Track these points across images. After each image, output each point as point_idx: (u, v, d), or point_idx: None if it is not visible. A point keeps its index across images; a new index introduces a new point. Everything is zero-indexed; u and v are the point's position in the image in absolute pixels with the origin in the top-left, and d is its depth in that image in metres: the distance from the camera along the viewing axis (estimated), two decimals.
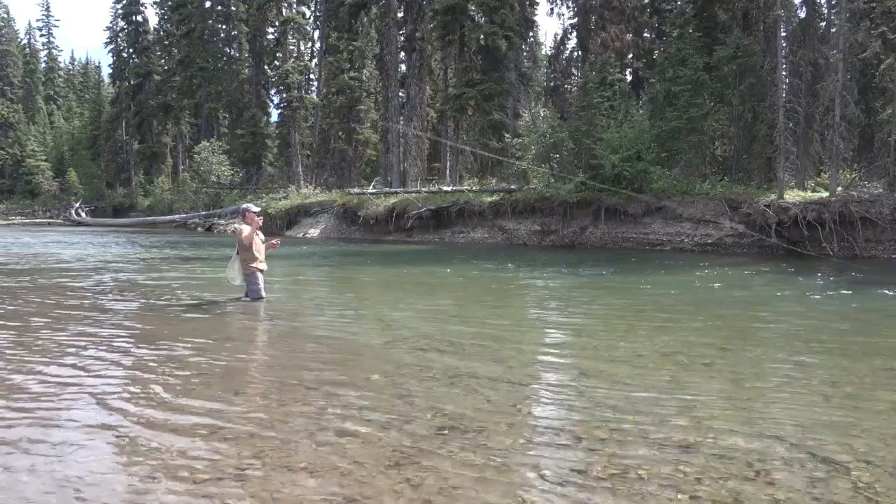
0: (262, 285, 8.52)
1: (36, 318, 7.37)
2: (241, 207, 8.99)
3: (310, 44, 50.30)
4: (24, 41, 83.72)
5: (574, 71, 43.53)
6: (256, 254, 8.44)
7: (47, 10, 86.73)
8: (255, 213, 8.57)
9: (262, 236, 8.74)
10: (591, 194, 22.63)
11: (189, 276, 12.47)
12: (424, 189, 29.45)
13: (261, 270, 8.55)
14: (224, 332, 6.97)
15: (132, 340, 6.30)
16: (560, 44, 45.20)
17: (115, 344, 6.09)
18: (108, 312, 7.87)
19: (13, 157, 68.52)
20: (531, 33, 45.56)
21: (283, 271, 14.51)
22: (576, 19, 38.73)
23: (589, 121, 24.53)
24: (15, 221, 48.38)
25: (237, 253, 8.59)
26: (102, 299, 9.01)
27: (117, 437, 3.66)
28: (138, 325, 7.10)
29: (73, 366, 5.20)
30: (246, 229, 8.36)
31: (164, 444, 3.54)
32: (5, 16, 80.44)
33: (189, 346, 6.09)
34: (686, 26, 24.67)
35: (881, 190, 19.79)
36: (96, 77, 77.78)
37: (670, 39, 26.25)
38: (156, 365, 5.30)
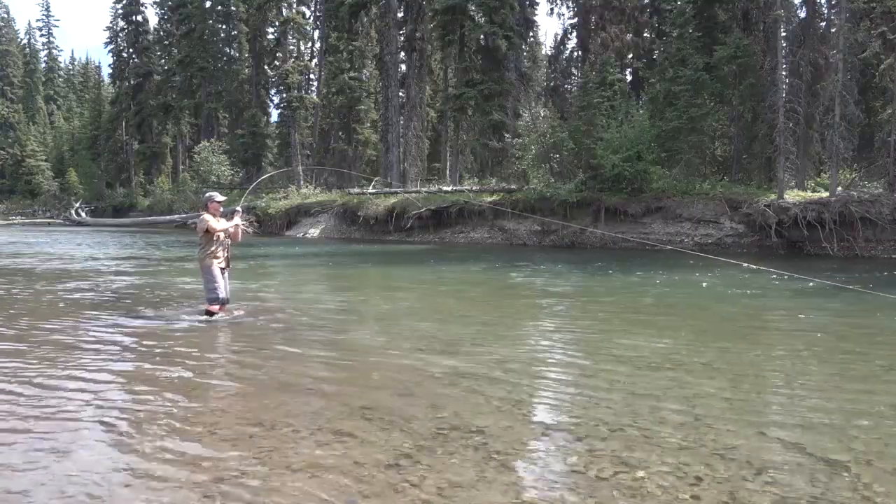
0: (220, 284, 7.36)
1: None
2: (203, 196, 8.08)
3: (310, 44, 50.26)
4: (24, 41, 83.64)
5: (574, 71, 43.47)
6: (213, 247, 7.43)
7: (47, 10, 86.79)
8: (218, 202, 7.62)
9: (226, 227, 7.59)
10: (591, 194, 22.63)
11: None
12: (424, 189, 29.41)
13: (220, 267, 7.46)
14: (222, 332, 6.97)
15: (136, 339, 6.30)
16: (560, 44, 45.15)
17: (118, 348, 6.10)
18: (126, 314, 7.87)
19: (13, 157, 68.47)
20: (531, 33, 45.42)
21: (284, 271, 14.52)
22: (576, 19, 38.73)
23: (589, 121, 24.51)
24: (15, 221, 48.25)
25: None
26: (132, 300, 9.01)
27: (117, 434, 3.66)
28: (141, 329, 7.11)
29: (75, 372, 5.21)
30: (208, 219, 7.45)
31: (163, 444, 3.54)
32: (5, 16, 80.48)
33: (186, 347, 6.09)
34: (686, 26, 24.63)
35: (881, 190, 19.77)
36: (96, 77, 77.59)
37: (670, 39, 26.20)
38: (153, 366, 5.30)
